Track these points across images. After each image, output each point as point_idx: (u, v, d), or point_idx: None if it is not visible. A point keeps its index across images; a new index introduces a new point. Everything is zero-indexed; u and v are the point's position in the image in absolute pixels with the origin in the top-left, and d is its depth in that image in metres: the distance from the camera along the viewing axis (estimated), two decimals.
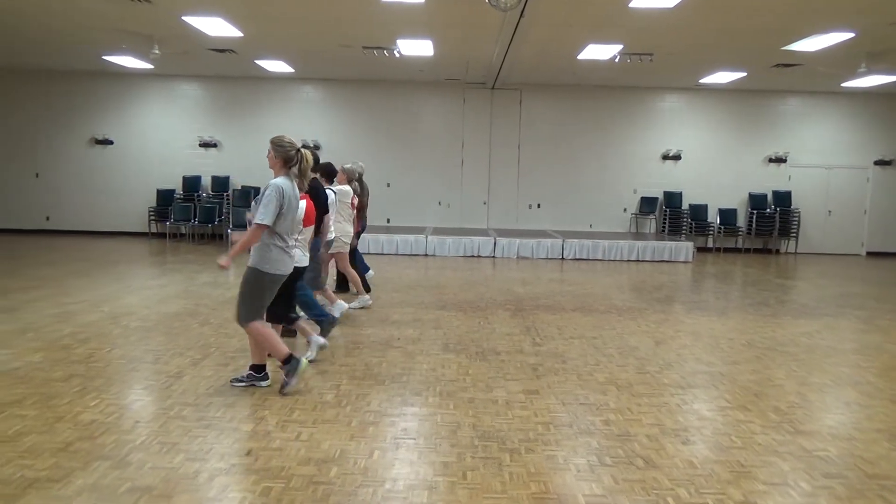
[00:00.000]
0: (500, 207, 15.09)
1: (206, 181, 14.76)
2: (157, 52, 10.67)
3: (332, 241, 6.96)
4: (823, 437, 4.16)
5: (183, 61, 12.57)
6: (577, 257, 13.10)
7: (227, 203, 14.39)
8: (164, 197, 14.61)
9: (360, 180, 8.15)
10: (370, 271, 9.10)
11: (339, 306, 6.92)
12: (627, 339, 6.63)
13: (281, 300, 5.19)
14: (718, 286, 10.62)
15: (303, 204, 5.10)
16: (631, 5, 7.95)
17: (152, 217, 14.65)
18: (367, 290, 8.21)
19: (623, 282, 10.51)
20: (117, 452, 3.63)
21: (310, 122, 14.79)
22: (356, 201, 7.77)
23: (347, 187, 7.47)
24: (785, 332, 7.10)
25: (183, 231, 14.59)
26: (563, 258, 13.07)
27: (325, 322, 6.08)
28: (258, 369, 4.78)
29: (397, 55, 11.37)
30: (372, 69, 13.09)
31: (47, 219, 14.88)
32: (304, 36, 10.38)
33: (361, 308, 7.67)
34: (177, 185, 14.72)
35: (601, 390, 4.96)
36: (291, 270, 4.77)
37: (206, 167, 14.79)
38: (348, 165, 7.68)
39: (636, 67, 11.81)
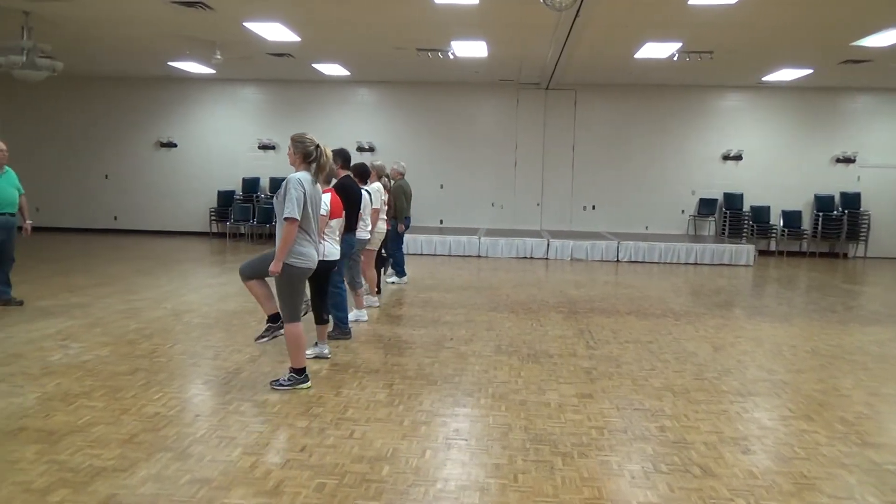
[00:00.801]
0: (554, 209, 14.95)
1: (265, 182, 15.12)
2: (218, 57, 11.00)
3: (367, 239, 6.97)
4: (894, 450, 3.97)
5: (243, 66, 12.91)
6: (633, 260, 12.86)
7: None
8: (225, 198, 15.05)
9: (390, 178, 8.22)
10: (403, 277, 9.32)
11: (358, 314, 6.92)
12: (684, 344, 6.47)
13: (318, 297, 5.28)
14: (781, 291, 10.26)
15: (327, 197, 5.15)
16: (690, 2, 7.76)
17: (213, 217, 15.11)
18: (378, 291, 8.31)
19: (680, 285, 10.27)
20: (179, 444, 3.75)
21: (365, 123, 14.98)
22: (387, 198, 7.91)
23: (378, 184, 7.55)
24: (853, 340, 6.80)
25: (242, 231, 15.00)
26: (617, 260, 12.86)
27: (342, 329, 6.16)
28: (299, 372, 4.80)
29: (451, 57, 11.41)
30: (426, 71, 13.17)
31: (115, 219, 15.53)
32: (359, 39, 10.52)
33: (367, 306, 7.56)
34: (236, 186, 15.14)
35: (657, 396, 4.86)
36: (317, 264, 4.79)
37: (265, 169, 15.15)
38: (378, 162, 7.75)
39: (695, 66, 11.52)
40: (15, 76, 9.69)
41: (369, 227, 6.92)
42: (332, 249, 5.34)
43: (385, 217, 7.77)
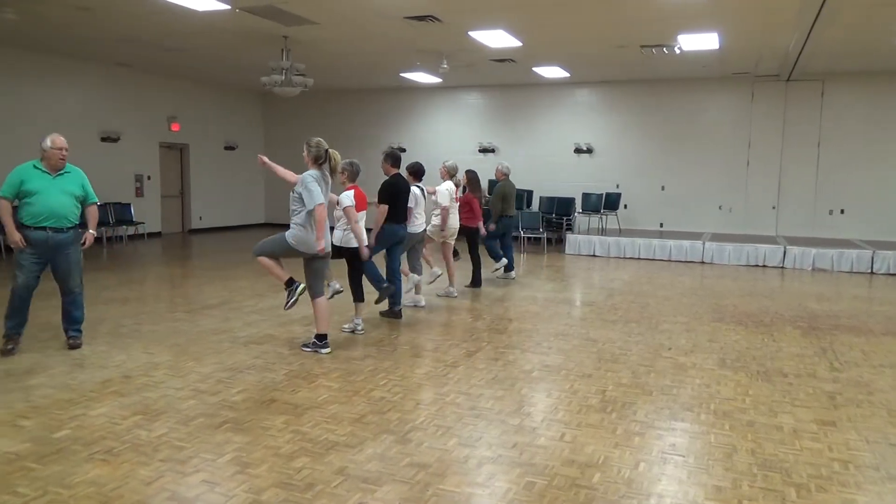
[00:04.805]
0: (793, 213, 13.50)
1: (485, 185, 15.59)
2: (445, 66, 11.63)
3: (418, 233, 7.40)
4: None
5: (466, 73, 13.48)
6: (892, 272, 11.16)
7: None
8: None
9: (476, 179, 8.91)
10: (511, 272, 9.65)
11: (413, 278, 7.51)
12: None
13: (352, 280, 6.30)
14: None
15: (350, 193, 6.14)
16: None
17: None
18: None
19: None
20: (401, 429, 4.02)
21: (583, 125, 14.82)
22: (459, 196, 8.41)
23: (449, 183, 8.08)
24: None
25: None
26: (872, 272, 11.24)
27: (380, 287, 6.65)
28: (321, 338, 5.63)
29: (677, 52, 10.83)
30: (648, 68, 12.66)
31: None
32: (580, 40, 10.43)
33: (431, 282, 8.20)
34: None
35: None
36: (314, 251, 5.35)
37: (485, 172, 15.61)
38: (450, 163, 8.30)
39: None
40: (275, 93, 11.17)
41: (420, 222, 7.37)
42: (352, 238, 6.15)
43: (457, 213, 8.29)
